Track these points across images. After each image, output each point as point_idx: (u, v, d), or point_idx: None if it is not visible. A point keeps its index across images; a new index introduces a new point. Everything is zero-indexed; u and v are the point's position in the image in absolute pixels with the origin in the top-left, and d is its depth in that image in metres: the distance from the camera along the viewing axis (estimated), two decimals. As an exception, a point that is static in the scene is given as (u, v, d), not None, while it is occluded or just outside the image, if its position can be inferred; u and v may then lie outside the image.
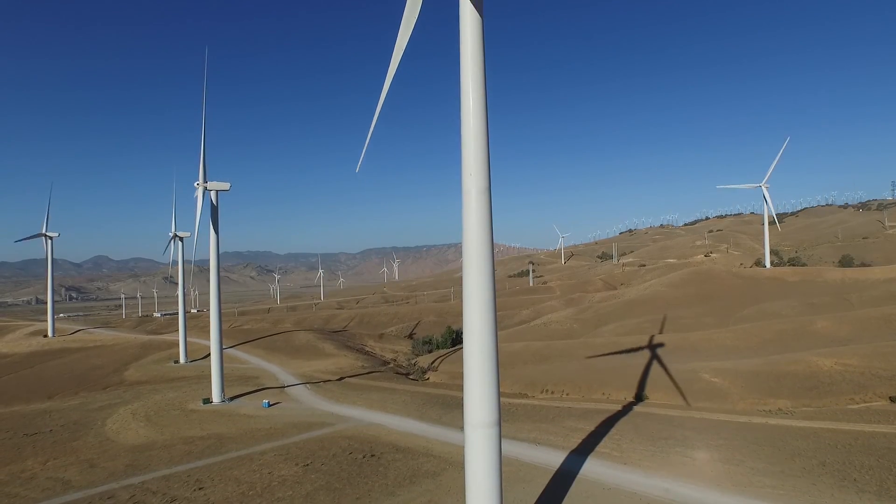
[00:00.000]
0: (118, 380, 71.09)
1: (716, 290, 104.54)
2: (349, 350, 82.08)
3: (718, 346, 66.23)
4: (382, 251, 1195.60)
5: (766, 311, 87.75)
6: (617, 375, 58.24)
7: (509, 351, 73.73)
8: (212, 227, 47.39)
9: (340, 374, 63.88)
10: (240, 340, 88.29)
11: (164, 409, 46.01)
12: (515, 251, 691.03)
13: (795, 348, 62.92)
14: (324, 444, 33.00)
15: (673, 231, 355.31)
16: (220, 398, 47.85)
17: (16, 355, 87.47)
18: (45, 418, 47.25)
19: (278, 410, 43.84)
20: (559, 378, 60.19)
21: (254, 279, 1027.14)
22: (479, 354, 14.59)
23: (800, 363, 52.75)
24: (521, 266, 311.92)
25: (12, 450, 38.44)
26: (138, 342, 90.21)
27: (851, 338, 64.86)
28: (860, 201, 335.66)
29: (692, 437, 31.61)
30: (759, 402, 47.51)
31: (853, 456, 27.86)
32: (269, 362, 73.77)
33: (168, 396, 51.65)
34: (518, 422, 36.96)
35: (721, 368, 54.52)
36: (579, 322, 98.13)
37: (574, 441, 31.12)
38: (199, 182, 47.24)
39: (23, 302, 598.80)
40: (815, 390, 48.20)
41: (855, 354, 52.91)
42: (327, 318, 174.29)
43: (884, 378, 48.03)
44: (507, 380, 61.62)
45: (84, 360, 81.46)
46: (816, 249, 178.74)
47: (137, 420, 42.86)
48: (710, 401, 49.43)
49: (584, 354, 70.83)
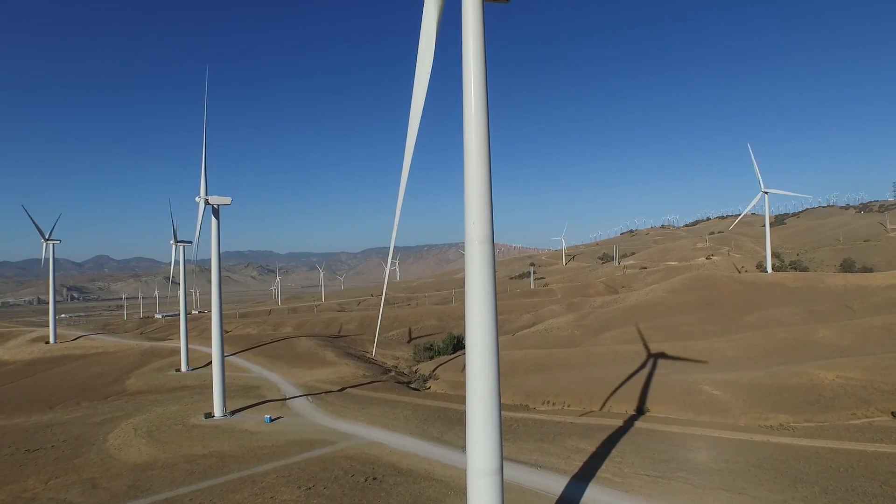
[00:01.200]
0: (120, 389, 71.20)
1: (717, 295, 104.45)
2: (350, 358, 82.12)
3: (720, 356, 66.19)
4: (383, 251, 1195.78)
5: (768, 318, 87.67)
6: (618, 387, 58.22)
7: (510, 359, 73.66)
8: (213, 243, 47.39)
9: (342, 383, 63.91)
10: (241, 347, 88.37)
11: (166, 424, 46.06)
12: (517, 251, 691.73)
13: (797, 359, 62.86)
14: (326, 465, 33.01)
15: (674, 232, 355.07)
16: (222, 412, 47.89)
17: (17, 363, 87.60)
18: (47, 432, 47.34)
19: (280, 426, 43.87)
20: (560, 389, 60.17)
21: (255, 279, 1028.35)
22: (482, 415, 14.63)
23: (801, 376, 52.68)
24: (522, 267, 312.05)
25: (14, 467, 38.52)
26: (140, 349, 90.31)
27: (853, 348, 64.80)
28: (862, 202, 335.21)
29: (694, 459, 31.61)
30: (760, 416, 47.46)
31: (856, 481, 27.83)
32: (270, 371, 73.88)
33: (170, 410, 51.71)
34: (520, 440, 36.96)
35: (723, 381, 54.45)
36: (580, 328, 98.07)
37: (575, 464, 31.11)
38: (201, 195, 47.22)
39: (24, 302, 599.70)
40: (816, 404, 48.13)
41: (857, 367, 52.83)
42: (328, 322, 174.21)
43: (886, 392, 47.95)
44: (508, 390, 61.59)
45: (85, 367, 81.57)
46: (818, 252, 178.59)
47: (139, 436, 42.90)
48: (711, 414, 49.39)
49: (585, 363, 70.84)
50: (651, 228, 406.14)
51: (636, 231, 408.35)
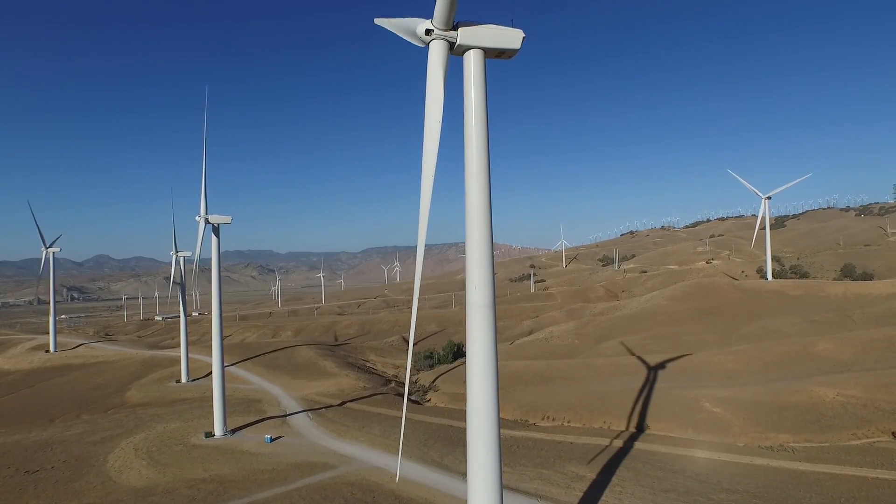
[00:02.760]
0: (120, 401, 71.17)
1: (717, 304, 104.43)
2: (350, 368, 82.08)
3: (720, 369, 66.13)
4: (384, 250, 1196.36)
5: (768, 328, 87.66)
6: (618, 402, 58.16)
7: (511, 371, 73.63)
8: (213, 262, 47.39)
9: (342, 397, 63.88)
10: (241, 357, 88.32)
11: (167, 444, 46.01)
12: (517, 251, 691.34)
13: (797, 373, 62.85)
14: (326, 493, 32.99)
15: (674, 233, 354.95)
16: (223, 431, 47.87)
17: (18, 372, 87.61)
18: (47, 451, 47.30)
19: (281, 447, 43.84)
20: (561, 404, 60.14)
21: (255, 279, 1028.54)
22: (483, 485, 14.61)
23: (802, 393, 52.62)
24: (522, 269, 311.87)
25: (14, 490, 38.52)
26: (140, 358, 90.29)
27: (854, 362, 64.73)
28: (862, 204, 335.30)
29: (694, 489, 31.57)
30: (760, 436, 47.43)
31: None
32: (270, 382, 73.81)
33: (170, 427, 51.65)
34: (520, 465, 36.92)
35: (723, 397, 54.40)
36: (580, 337, 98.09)
37: (576, 494, 31.08)
38: (201, 214, 47.21)
39: (24, 302, 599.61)
40: (816, 423, 48.09)
41: (857, 384, 52.78)
42: (328, 326, 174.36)
43: (886, 412, 47.91)
44: (509, 404, 61.59)
45: (85, 378, 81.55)
46: (818, 257, 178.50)
47: (139, 457, 42.87)
48: (711, 433, 49.36)
49: (585, 376, 70.81)
50: (651, 229, 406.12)
51: (636, 232, 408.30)
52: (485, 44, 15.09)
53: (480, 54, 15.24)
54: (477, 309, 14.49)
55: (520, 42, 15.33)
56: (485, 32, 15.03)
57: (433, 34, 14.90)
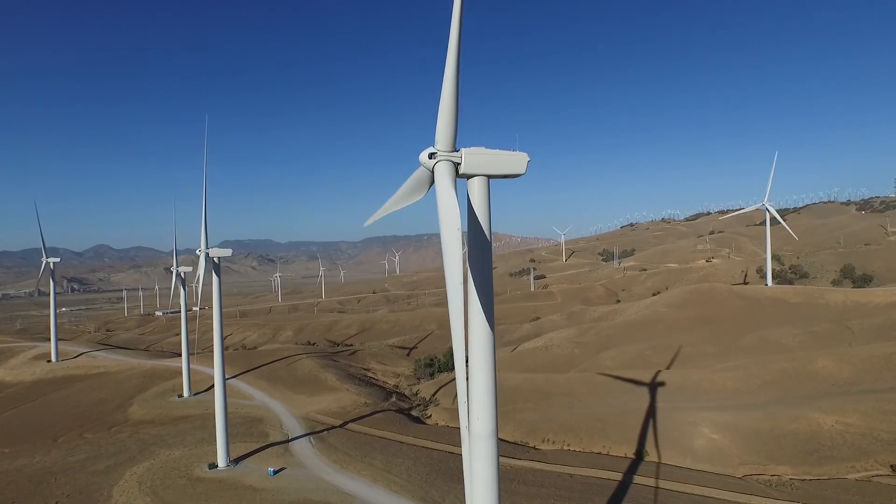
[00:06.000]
0: (122, 417, 71.54)
1: (717, 312, 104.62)
2: (351, 381, 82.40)
3: (719, 388, 66.41)
4: (383, 240, 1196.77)
5: (768, 339, 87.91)
6: (617, 424, 58.50)
7: (510, 385, 73.94)
8: (215, 296, 47.41)
9: (343, 416, 64.19)
10: (242, 368, 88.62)
11: (170, 477, 46.31)
12: (517, 242, 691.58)
13: (796, 393, 63.14)
14: (329, 542, 33.26)
15: (674, 226, 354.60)
16: (226, 461, 48.16)
17: (20, 385, 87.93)
18: (51, 482, 47.61)
19: (283, 481, 44.14)
20: (561, 425, 60.47)
21: (255, 269, 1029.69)
22: None
23: (800, 420, 52.91)
24: (521, 262, 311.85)
25: (20, 530, 38.83)
26: (142, 369, 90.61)
27: (853, 381, 65.02)
28: (863, 198, 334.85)
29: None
30: (759, 467, 47.80)
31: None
32: (272, 398, 74.11)
33: (174, 455, 51.93)
34: (521, 507, 37.20)
35: (722, 423, 54.70)
36: (580, 346, 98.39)
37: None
38: (202, 248, 47.20)
39: (24, 294, 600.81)
40: (815, 454, 48.44)
41: (856, 411, 53.05)
42: (329, 325, 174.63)
43: (885, 442, 48.24)
44: (509, 424, 61.96)
45: (87, 391, 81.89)
46: (818, 256, 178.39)
47: (143, 493, 43.19)
48: (710, 462, 49.76)
49: (585, 392, 71.11)
50: (651, 222, 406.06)
51: (636, 224, 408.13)
52: (489, 171, 15.00)
53: (485, 180, 15.15)
54: (479, 441, 14.50)
55: (524, 167, 15.23)
56: (488, 160, 14.92)
57: (437, 157, 14.81)
